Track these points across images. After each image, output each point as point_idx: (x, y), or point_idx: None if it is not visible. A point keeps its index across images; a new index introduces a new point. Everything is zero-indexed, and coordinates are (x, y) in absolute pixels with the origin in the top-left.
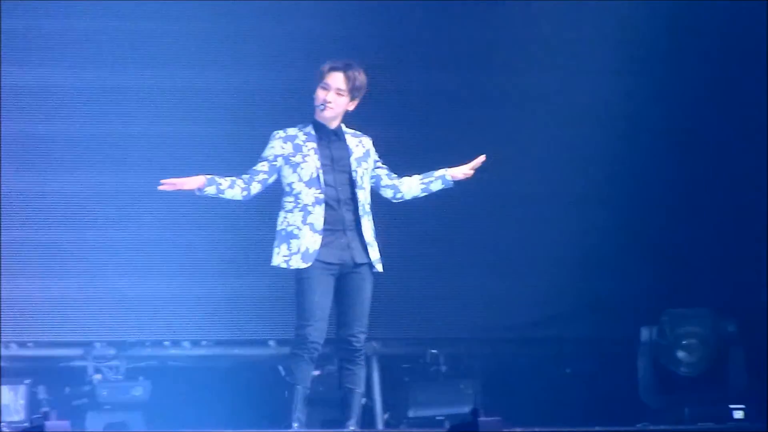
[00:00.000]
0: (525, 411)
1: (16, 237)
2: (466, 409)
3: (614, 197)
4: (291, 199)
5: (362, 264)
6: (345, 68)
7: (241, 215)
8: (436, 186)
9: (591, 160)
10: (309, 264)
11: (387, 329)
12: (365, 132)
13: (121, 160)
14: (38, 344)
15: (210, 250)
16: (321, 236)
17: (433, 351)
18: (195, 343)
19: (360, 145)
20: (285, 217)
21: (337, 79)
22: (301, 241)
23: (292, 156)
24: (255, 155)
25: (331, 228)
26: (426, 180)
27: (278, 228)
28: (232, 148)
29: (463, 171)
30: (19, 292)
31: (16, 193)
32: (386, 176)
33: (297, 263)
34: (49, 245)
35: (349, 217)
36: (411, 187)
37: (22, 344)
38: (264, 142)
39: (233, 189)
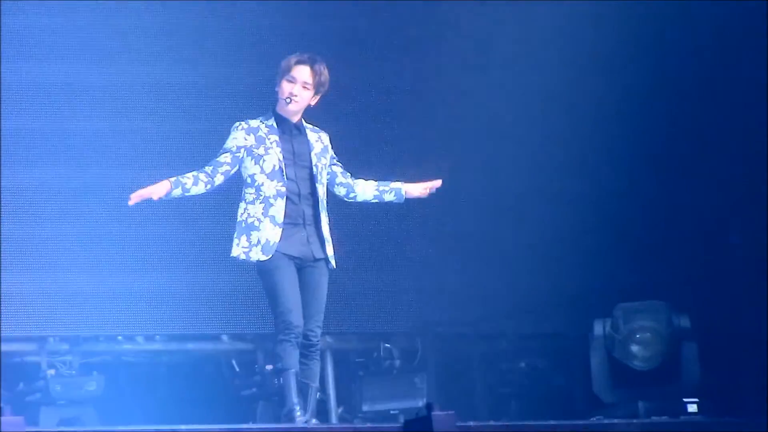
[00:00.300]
0: (479, 405)
1: None
2: (420, 403)
3: (569, 193)
4: (252, 190)
5: (320, 259)
6: (311, 62)
7: (195, 209)
8: (389, 197)
9: (549, 158)
10: (269, 256)
11: (341, 323)
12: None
13: (75, 155)
14: None
15: (163, 244)
16: (282, 229)
17: (386, 345)
18: (149, 338)
19: (319, 141)
20: (246, 209)
21: (303, 73)
22: (261, 233)
23: (255, 148)
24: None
25: (292, 222)
26: (381, 188)
27: (238, 219)
28: (187, 144)
29: (418, 189)
30: None
31: None
32: (341, 174)
33: (257, 255)
34: (3, 239)
35: (308, 211)
36: (365, 190)
37: None
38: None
39: (197, 186)
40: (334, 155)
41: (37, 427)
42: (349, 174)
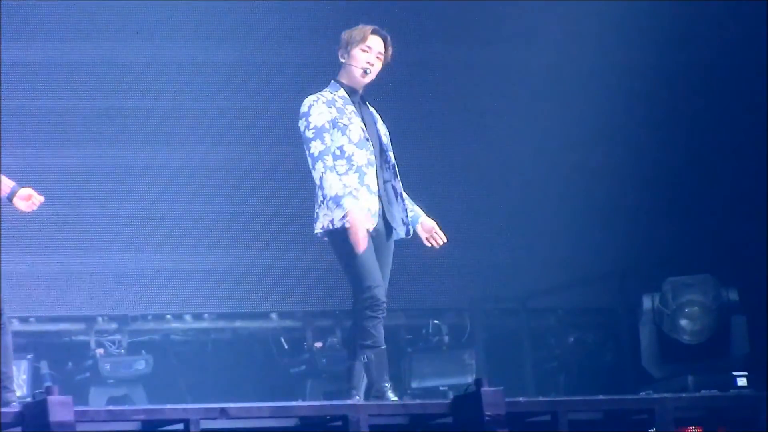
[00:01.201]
0: (528, 381)
1: (15, 212)
2: (469, 379)
3: (614, 166)
4: (343, 161)
5: (390, 232)
6: (384, 35)
7: (241, 188)
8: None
9: (596, 131)
10: (375, 224)
11: (389, 300)
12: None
13: (121, 134)
14: (40, 319)
15: (211, 222)
16: (377, 197)
17: (435, 322)
18: (197, 317)
19: (378, 116)
20: (340, 180)
21: (378, 43)
22: (361, 202)
23: (339, 119)
24: (260, 128)
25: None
26: (407, 203)
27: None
28: (233, 121)
29: (428, 230)
30: (21, 267)
31: (15, 168)
32: (391, 153)
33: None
34: (50, 220)
35: (381, 182)
36: (399, 189)
37: (24, 319)
38: (265, 115)
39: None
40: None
41: (87, 407)
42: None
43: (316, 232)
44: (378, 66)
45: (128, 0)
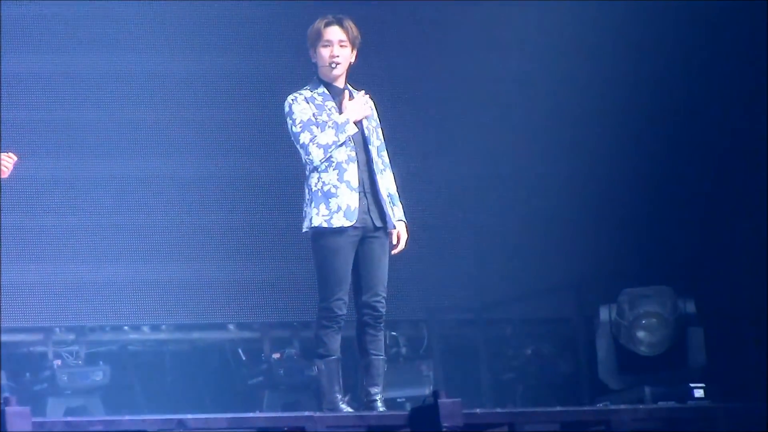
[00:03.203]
0: (485, 392)
1: None
2: (426, 390)
3: (573, 178)
4: None
5: (380, 228)
6: (338, 21)
7: (199, 200)
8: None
9: (553, 141)
10: (353, 222)
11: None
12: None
13: (79, 146)
14: None
15: (168, 234)
16: (357, 194)
17: (392, 333)
18: (154, 328)
19: (367, 104)
20: (319, 178)
21: (335, 33)
22: (340, 199)
23: (318, 116)
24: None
25: (360, 189)
26: (391, 201)
27: (313, 189)
28: (191, 133)
29: (395, 240)
30: None
31: None
32: (377, 147)
33: (340, 221)
34: (7, 231)
35: (365, 177)
36: (385, 184)
37: None
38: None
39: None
40: (379, 123)
41: (44, 418)
42: (385, 154)
43: (303, 230)
44: (346, 53)
45: None
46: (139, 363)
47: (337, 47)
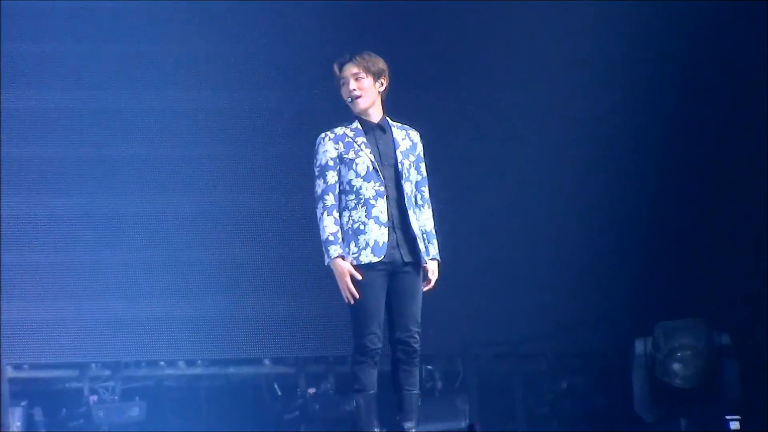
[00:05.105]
0: (520, 426)
1: (10, 260)
2: (462, 424)
3: (606, 211)
4: (352, 196)
5: (410, 263)
6: (349, 56)
7: (233, 234)
8: (422, 247)
9: (584, 175)
10: (381, 258)
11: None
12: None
13: (113, 182)
14: (34, 366)
15: (204, 269)
16: (387, 229)
17: (428, 367)
18: (190, 363)
19: (407, 138)
20: (350, 216)
21: (348, 68)
22: (368, 235)
23: (345, 153)
24: (250, 175)
25: (389, 224)
26: (424, 236)
27: (344, 228)
28: (222, 168)
29: (428, 279)
30: (15, 314)
31: (10, 217)
32: (416, 183)
33: (368, 258)
34: (44, 267)
35: (395, 212)
36: (423, 220)
37: (17, 366)
38: (261, 160)
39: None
40: (423, 157)
41: None
42: (426, 191)
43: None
44: (365, 84)
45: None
46: (175, 398)
47: (353, 81)
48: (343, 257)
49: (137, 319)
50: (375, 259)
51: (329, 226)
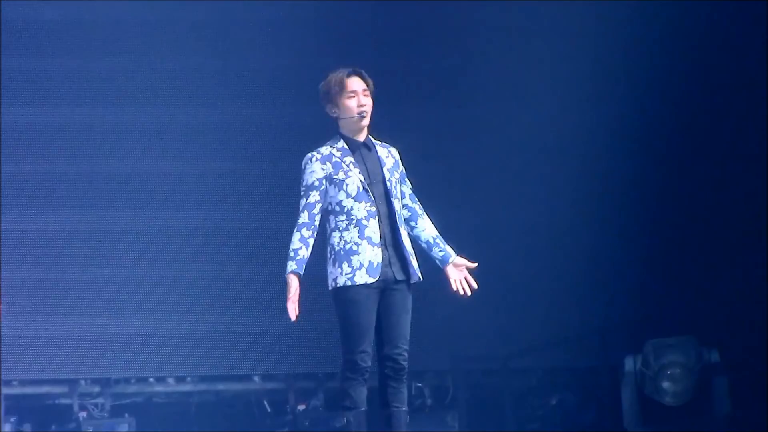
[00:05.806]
0: None
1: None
2: None
3: (597, 230)
4: (343, 217)
5: (401, 280)
6: (358, 71)
7: (223, 252)
8: (437, 254)
9: (575, 192)
10: (376, 278)
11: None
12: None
13: (103, 198)
14: (23, 382)
15: (193, 286)
16: (380, 248)
17: (418, 384)
18: (180, 379)
19: (390, 156)
20: (341, 236)
21: (358, 83)
22: (362, 255)
23: (335, 174)
24: (240, 192)
25: (381, 243)
26: (437, 240)
27: (336, 249)
28: (211, 185)
29: (460, 267)
30: (4, 330)
31: None
32: (409, 196)
33: (363, 278)
34: (34, 284)
35: (387, 231)
36: (425, 228)
37: (7, 382)
38: (252, 177)
39: (309, 248)
40: (405, 171)
41: None
42: (417, 201)
43: (329, 289)
44: (370, 102)
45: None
46: (165, 415)
47: (363, 97)
48: (296, 273)
49: (127, 336)
50: (371, 280)
51: (293, 242)
